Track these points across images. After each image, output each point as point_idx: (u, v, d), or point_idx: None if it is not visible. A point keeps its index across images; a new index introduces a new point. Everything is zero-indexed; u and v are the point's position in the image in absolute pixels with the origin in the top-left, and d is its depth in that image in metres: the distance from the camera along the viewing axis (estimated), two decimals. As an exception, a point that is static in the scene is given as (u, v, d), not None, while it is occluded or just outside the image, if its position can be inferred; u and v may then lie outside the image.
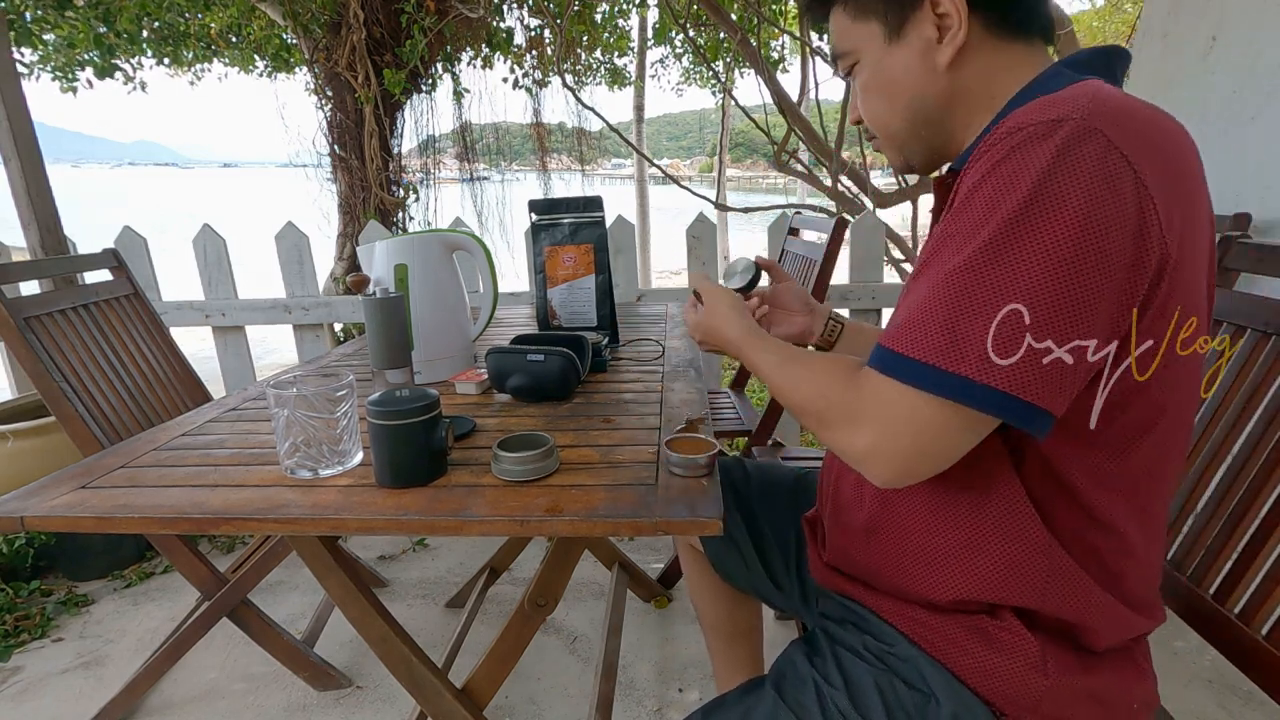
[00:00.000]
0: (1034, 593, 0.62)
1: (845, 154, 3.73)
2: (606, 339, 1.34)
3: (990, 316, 0.52)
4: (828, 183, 3.62)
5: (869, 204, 3.65)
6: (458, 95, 4.38)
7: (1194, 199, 0.55)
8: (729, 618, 1.17)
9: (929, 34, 0.64)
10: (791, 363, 0.70)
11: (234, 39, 5.35)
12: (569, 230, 1.45)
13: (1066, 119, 0.51)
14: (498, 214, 4.96)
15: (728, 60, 5.45)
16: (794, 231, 2.15)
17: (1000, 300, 0.51)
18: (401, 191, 4.02)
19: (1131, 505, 0.61)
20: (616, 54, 6.80)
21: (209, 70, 6.24)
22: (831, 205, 3.83)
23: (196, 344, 3.16)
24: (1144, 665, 0.67)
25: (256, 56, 5.59)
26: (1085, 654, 0.64)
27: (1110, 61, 0.63)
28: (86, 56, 4.80)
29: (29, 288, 2.07)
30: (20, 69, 2.14)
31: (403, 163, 4.08)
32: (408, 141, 4.11)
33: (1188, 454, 0.68)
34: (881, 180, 4.28)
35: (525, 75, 4.89)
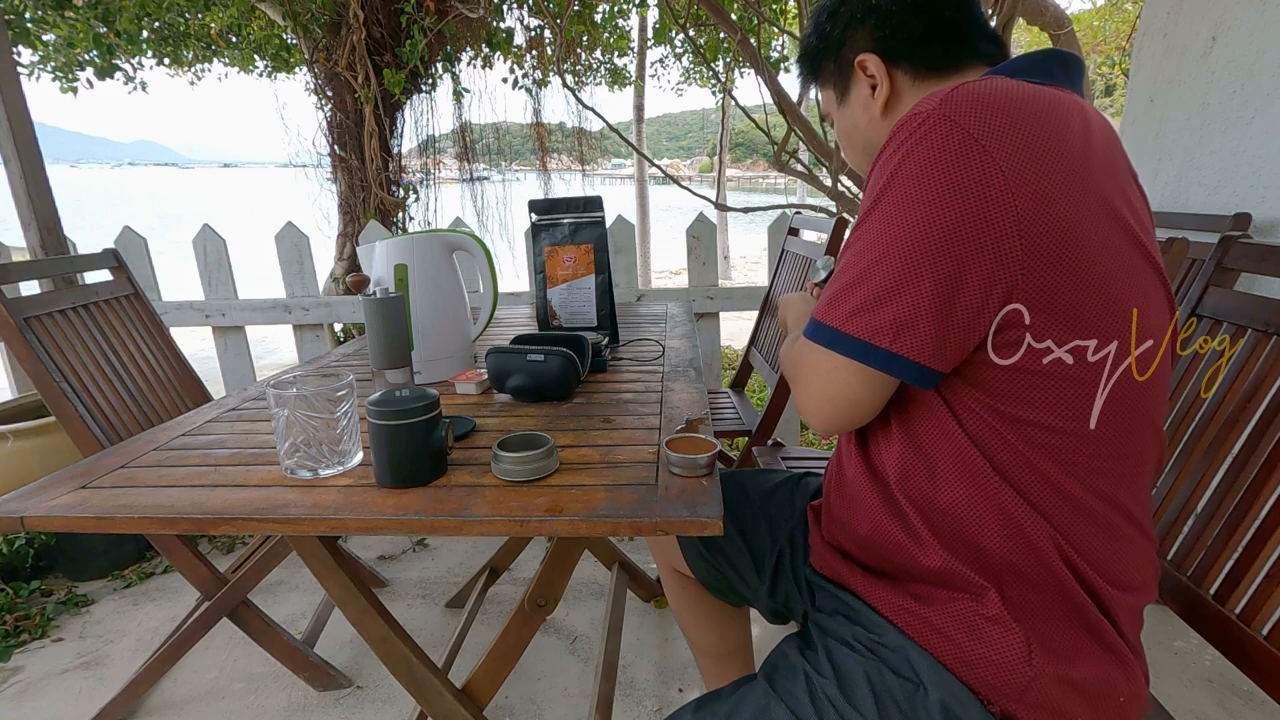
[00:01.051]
0: (1002, 556, 0.64)
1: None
2: (606, 339, 1.34)
3: (859, 279, 0.62)
4: (828, 183, 3.62)
5: (869, 204, 3.65)
6: (458, 95, 4.37)
7: (1075, 170, 0.58)
8: (721, 638, 1.17)
9: (865, 92, 0.79)
10: (790, 342, 0.82)
11: (234, 39, 5.34)
12: (569, 230, 1.45)
13: (919, 114, 0.60)
14: (498, 214, 4.96)
15: (728, 60, 5.45)
16: (794, 231, 2.15)
17: (868, 266, 0.61)
18: (401, 191, 4.02)
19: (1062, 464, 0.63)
20: (616, 54, 6.79)
21: (209, 70, 6.24)
22: (831, 205, 3.83)
23: (196, 344, 3.16)
24: (1130, 661, 0.67)
25: (256, 56, 5.59)
26: (1070, 645, 0.65)
27: (1042, 64, 0.67)
28: (86, 57, 4.80)
29: (29, 288, 2.07)
30: (20, 69, 2.14)
31: (403, 163, 4.08)
32: (408, 141, 4.11)
33: (1158, 441, 0.68)
34: (881, 180, 4.27)
35: (525, 75, 4.89)
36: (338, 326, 3.04)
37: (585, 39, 5.84)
